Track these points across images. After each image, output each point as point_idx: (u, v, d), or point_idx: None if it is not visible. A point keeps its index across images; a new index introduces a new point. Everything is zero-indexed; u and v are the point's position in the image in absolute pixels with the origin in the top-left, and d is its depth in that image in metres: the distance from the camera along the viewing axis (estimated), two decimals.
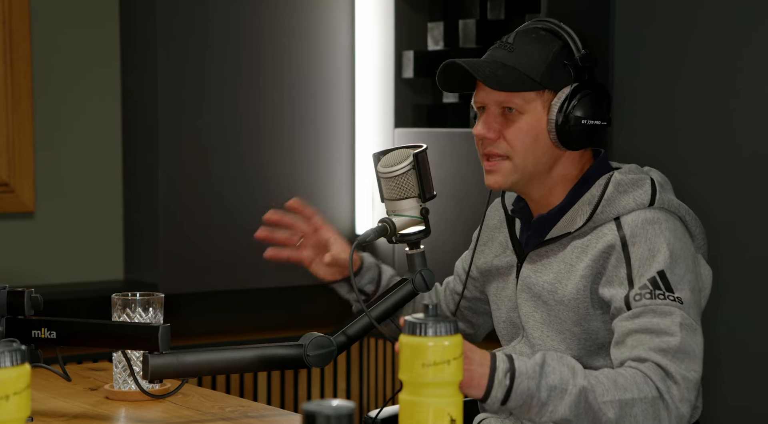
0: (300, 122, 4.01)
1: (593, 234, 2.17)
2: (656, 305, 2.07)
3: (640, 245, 2.12)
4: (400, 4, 3.94)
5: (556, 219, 2.23)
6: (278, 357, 2.19)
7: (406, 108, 3.97)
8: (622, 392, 1.98)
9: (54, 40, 3.79)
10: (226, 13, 3.88)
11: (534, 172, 2.21)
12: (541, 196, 2.24)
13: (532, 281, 2.23)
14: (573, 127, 2.17)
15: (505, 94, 2.18)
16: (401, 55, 3.95)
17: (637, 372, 2.02)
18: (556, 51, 2.19)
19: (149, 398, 2.32)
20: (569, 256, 2.19)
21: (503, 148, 2.19)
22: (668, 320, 2.06)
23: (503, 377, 1.93)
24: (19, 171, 3.73)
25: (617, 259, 2.12)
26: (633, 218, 2.15)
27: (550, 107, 2.18)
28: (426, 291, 2.31)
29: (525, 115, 2.18)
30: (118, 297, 2.34)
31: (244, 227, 3.94)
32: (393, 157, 2.27)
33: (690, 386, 2.03)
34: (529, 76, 2.17)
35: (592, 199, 2.18)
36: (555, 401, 1.96)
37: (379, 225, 2.24)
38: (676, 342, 2.04)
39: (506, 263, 2.32)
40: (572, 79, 2.19)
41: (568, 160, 2.23)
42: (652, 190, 2.17)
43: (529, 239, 2.28)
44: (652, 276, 2.09)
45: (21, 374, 1.43)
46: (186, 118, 3.84)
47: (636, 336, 2.06)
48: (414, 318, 1.57)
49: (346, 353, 4.05)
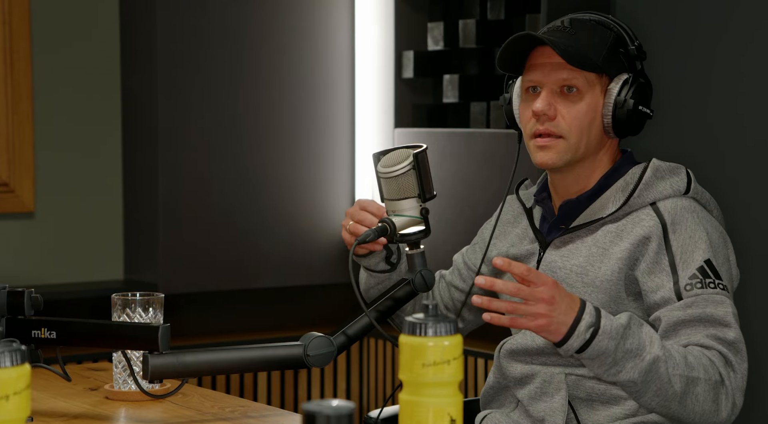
0: (300, 122, 4.01)
1: (628, 219, 2.20)
2: (708, 294, 2.11)
3: (681, 233, 2.15)
4: (400, 4, 3.94)
5: (584, 206, 2.25)
6: (278, 357, 2.19)
7: (406, 108, 3.97)
8: (690, 370, 2.04)
9: (54, 40, 3.79)
10: (226, 13, 3.88)
11: (584, 154, 2.24)
12: (575, 180, 2.27)
13: (558, 265, 2.24)
14: (628, 114, 2.22)
15: (568, 72, 2.21)
16: (401, 55, 3.95)
17: (703, 355, 2.07)
18: (613, 39, 2.24)
19: (149, 398, 2.32)
20: (601, 240, 2.21)
21: (561, 127, 2.22)
22: (721, 309, 2.11)
23: (585, 330, 1.98)
24: (19, 171, 3.73)
25: (658, 245, 2.15)
26: (671, 204, 2.19)
27: (606, 91, 2.22)
28: (426, 291, 2.31)
29: (586, 95, 2.22)
30: (118, 297, 2.34)
31: (244, 227, 3.94)
32: (393, 157, 2.27)
33: (745, 379, 2.11)
34: (591, 59, 2.21)
35: (626, 186, 2.22)
36: (627, 364, 2.01)
37: (379, 225, 2.24)
38: (733, 334, 2.10)
39: (526, 251, 2.32)
40: (627, 68, 2.25)
41: (610, 149, 2.28)
42: (688, 178, 2.23)
43: (553, 225, 2.29)
44: (700, 265, 2.13)
45: (21, 374, 1.43)
46: (186, 118, 3.84)
47: (692, 325, 2.10)
48: (414, 318, 1.57)
49: (346, 353, 4.05)
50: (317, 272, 4.00)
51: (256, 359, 2.18)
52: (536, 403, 2.22)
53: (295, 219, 3.99)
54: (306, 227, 4.02)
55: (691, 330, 2.10)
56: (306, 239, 4.01)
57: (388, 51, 3.97)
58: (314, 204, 4.04)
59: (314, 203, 4.04)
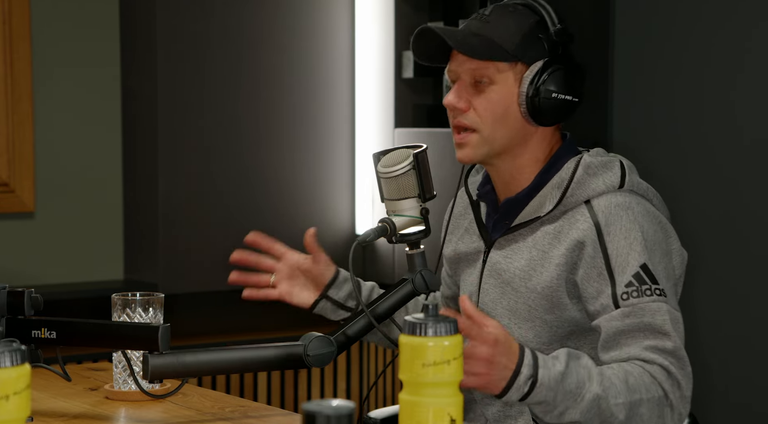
0: (300, 122, 4.01)
1: (564, 219, 2.16)
2: (645, 302, 2.07)
3: (616, 235, 2.10)
4: (400, 4, 3.94)
5: (523, 203, 2.21)
6: (278, 357, 2.19)
7: (406, 108, 3.97)
8: (631, 394, 2.00)
9: (54, 40, 3.79)
10: (226, 13, 3.88)
11: (504, 146, 2.19)
12: (510, 176, 2.23)
13: (502, 267, 2.21)
14: (543, 101, 2.16)
15: (477, 63, 2.16)
16: (401, 55, 3.95)
17: (644, 372, 2.03)
18: (532, 24, 2.18)
19: (149, 398, 2.32)
20: (541, 242, 2.17)
21: (471, 119, 2.18)
22: (659, 317, 2.06)
23: (523, 383, 1.94)
24: (19, 171, 3.73)
25: (594, 250, 2.11)
26: (605, 202, 2.13)
27: (521, 80, 2.17)
28: (426, 291, 2.30)
29: (496, 85, 2.17)
30: (118, 297, 2.34)
31: (244, 227, 3.93)
32: (393, 157, 2.27)
33: (689, 386, 2.05)
34: (502, 47, 2.16)
35: (561, 182, 2.17)
36: (568, 405, 1.98)
37: (379, 225, 2.24)
38: (672, 344, 2.05)
39: (473, 248, 2.30)
40: (547, 53, 2.17)
41: (539, 139, 2.21)
42: (621, 172, 2.16)
43: (496, 224, 2.26)
44: (636, 271, 2.08)
45: (21, 374, 1.43)
46: (186, 118, 3.84)
47: (632, 335, 2.07)
48: (414, 318, 1.57)
49: (346, 353, 4.05)
50: None
51: (256, 359, 2.18)
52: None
53: (295, 219, 3.99)
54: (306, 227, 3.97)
55: (631, 340, 2.06)
56: None
57: (388, 51, 3.97)
58: (314, 204, 4.04)
59: (314, 203, 4.04)
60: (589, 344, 2.17)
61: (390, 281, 3.90)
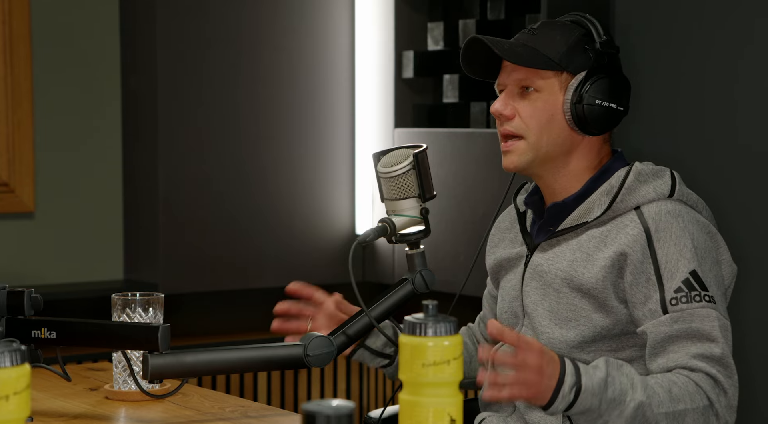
0: (300, 122, 4.01)
1: (612, 224, 2.17)
2: (694, 308, 2.08)
3: (666, 241, 2.12)
4: (400, 4, 3.94)
5: (571, 208, 2.23)
6: (278, 357, 2.19)
7: (406, 108, 3.97)
8: (675, 404, 2.01)
9: (54, 41, 3.79)
10: (226, 14, 3.88)
11: (549, 154, 2.22)
12: (558, 184, 2.25)
13: (544, 269, 2.23)
14: (587, 108, 2.19)
15: (524, 72, 2.21)
16: (401, 55, 3.94)
17: (689, 381, 2.04)
18: (578, 36, 2.23)
19: (149, 398, 2.32)
20: (586, 244, 2.18)
21: (517, 126, 2.22)
22: (707, 323, 2.07)
23: (569, 391, 1.95)
24: (19, 171, 3.73)
25: (643, 254, 2.12)
26: (655, 209, 2.15)
27: (566, 88, 2.21)
28: (426, 291, 2.31)
29: (541, 93, 2.21)
30: (118, 297, 2.34)
31: (244, 227, 3.94)
32: (393, 157, 2.27)
33: (735, 395, 2.07)
34: (547, 56, 2.20)
35: (611, 189, 2.19)
36: (612, 413, 1.99)
37: (379, 225, 2.24)
38: (719, 350, 2.06)
39: (516, 253, 2.32)
40: (592, 63, 2.22)
41: (586, 149, 2.24)
42: (672, 181, 2.19)
43: (541, 228, 2.28)
44: (685, 277, 2.10)
45: (21, 374, 1.43)
46: (186, 118, 3.84)
47: (679, 342, 2.08)
48: (414, 318, 1.57)
49: None
50: (317, 272, 4.00)
51: (256, 359, 2.18)
52: (533, 410, 2.21)
53: (294, 219, 3.99)
54: (306, 227, 4.02)
55: (678, 347, 2.07)
56: (306, 239, 4.01)
57: (388, 51, 3.97)
58: (314, 204, 4.04)
59: (314, 203, 4.04)
60: (631, 346, 2.18)
61: (390, 281, 3.90)
